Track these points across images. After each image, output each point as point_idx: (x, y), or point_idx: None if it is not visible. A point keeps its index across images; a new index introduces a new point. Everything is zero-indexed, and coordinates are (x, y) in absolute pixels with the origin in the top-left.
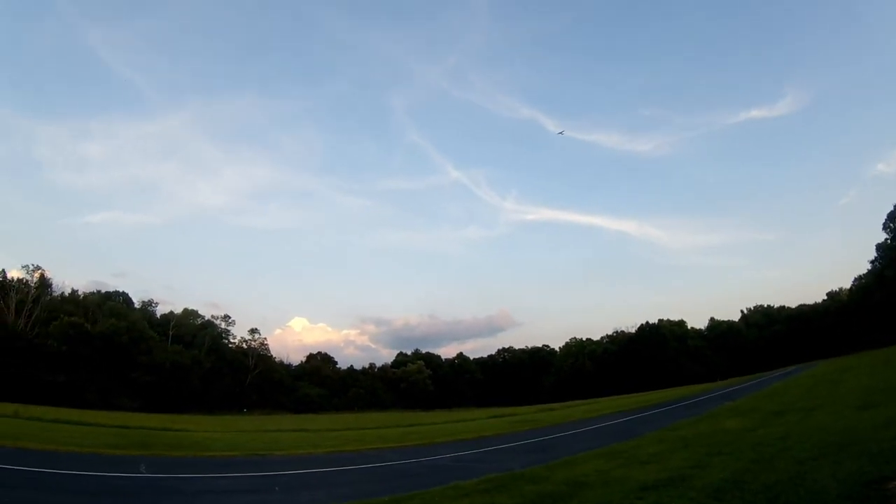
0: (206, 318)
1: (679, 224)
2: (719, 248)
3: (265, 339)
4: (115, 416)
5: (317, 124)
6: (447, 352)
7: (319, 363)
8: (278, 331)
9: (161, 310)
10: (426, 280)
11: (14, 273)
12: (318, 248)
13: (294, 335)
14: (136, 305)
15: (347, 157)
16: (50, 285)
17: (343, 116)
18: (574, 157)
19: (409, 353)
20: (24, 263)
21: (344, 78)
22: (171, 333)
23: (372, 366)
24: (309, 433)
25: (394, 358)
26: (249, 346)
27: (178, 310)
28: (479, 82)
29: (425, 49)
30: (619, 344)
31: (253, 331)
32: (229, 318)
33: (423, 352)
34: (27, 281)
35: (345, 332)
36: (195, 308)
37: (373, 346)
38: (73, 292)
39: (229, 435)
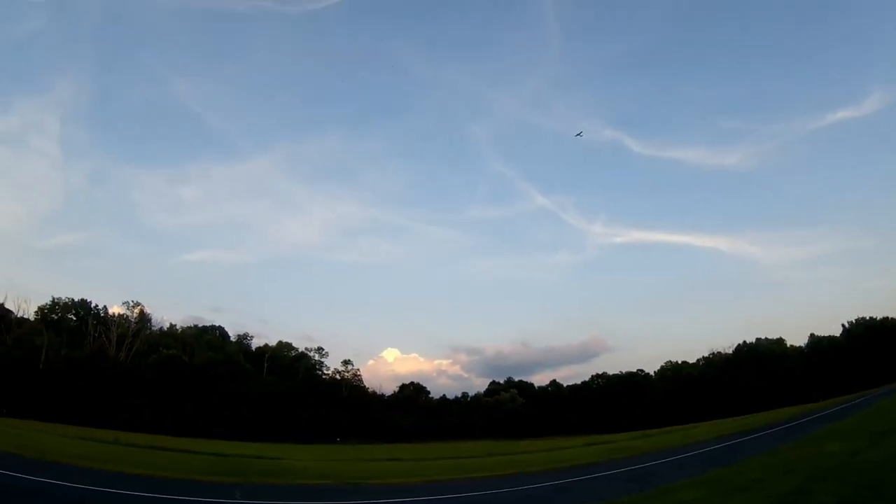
0: (300, 351)
1: (771, 237)
2: (815, 259)
3: (358, 369)
4: (211, 444)
5: (401, 158)
6: (540, 379)
7: (412, 393)
8: (371, 361)
9: (256, 343)
10: (517, 308)
11: (115, 309)
12: (408, 279)
13: (386, 366)
14: (232, 339)
15: (433, 188)
16: (149, 320)
17: (427, 149)
18: (659, 175)
19: (501, 381)
20: (125, 300)
21: (425, 112)
22: (266, 365)
23: (465, 395)
24: (402, 462)
25: (486, 387)
26: (343, 377)
27: (273, 343)
28: (558, 107)
29: (502, 78)
30: (715, 366)
31: (346, 362)
32: (322, 350)
33: (517, 380)
34: (127, 316)
35: (437, 361)
36: (289, 341)
37: (465, 375)
38: (172, 327)
39: (323, 463)
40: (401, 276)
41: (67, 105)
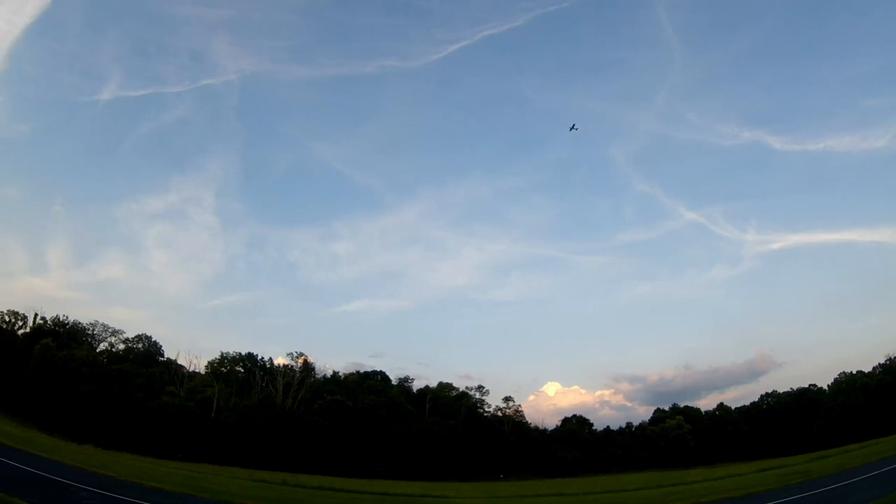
0: (461, 390)
1: None
2: None
3: (519, 405)
4: (376, 484)
5: (545, 191)
6: (706, 403)
7: (574, 426)
8: (532, 396)
9: (417, 385)
10: (677, 330)
11: (280, 360)
12: (563, 310)
13: (548, 400)
14: (394, 382)
15: (579, 217)
16: (313, 369)
17: (568, 179)
18: (807, 170)
19: (666, 408)
20: (289, 351)
21: (561, 142)
22: (428, 406)
23: (629, 425)
24: (568, 497)
25: (651, 415)
26: (504, 414)
27: (434, 384)
28: (692, 116)
29: (631, 95)
30: (893, 372)
31: (507, 398)
32: (483, 388)
33: (682, 405)
34: (292, 366)
35: (598, 392)
36: (450, 381)
37: (628, 404)
38: (335, 374)
39: (487, 501)
40: (556, 308)
41: (220, 179)
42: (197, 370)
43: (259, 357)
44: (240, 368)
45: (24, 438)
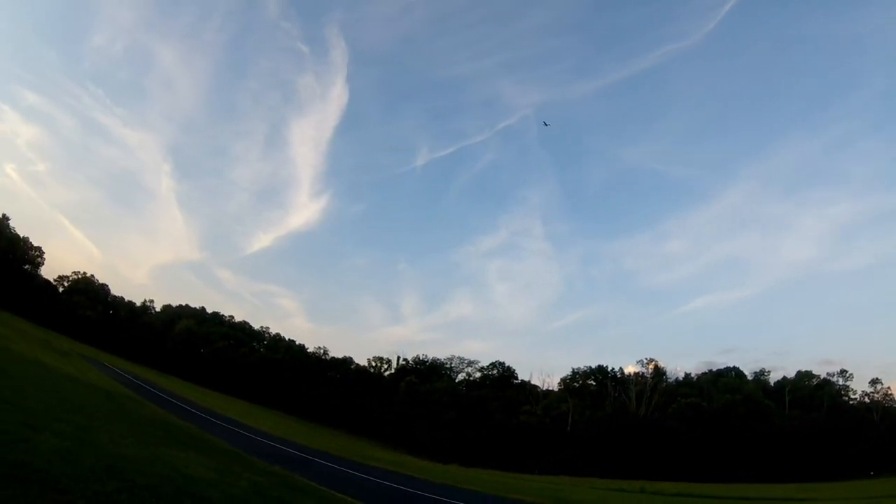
0: (822, 377)
1: None
2: None
3: (888, 388)
4: (735, 489)
5: (876, 132)
6: None
7: None
8: None
9: (774, 377)
10: None
11: (630, 368)
12: None
13: None
14: (749, 377)
15: None
16: (664, 373)
17: None
18: None
19: None
20: (638, 359)
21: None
22: (787, 399)
23: None
24: None
25: None
26: (872, 400)
27: (791, 374)
28: None
29: None
30: None
31: (874, 381)
32: (846, 372)
33: None
34: (643, 373)
35: None
36: (808, 369)
37: None
38: (687, 375)
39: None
40: None
41: (542, 207)
42: (550, 388)
43: (609, 368)
44: (591, 381)
45: (397, 462)
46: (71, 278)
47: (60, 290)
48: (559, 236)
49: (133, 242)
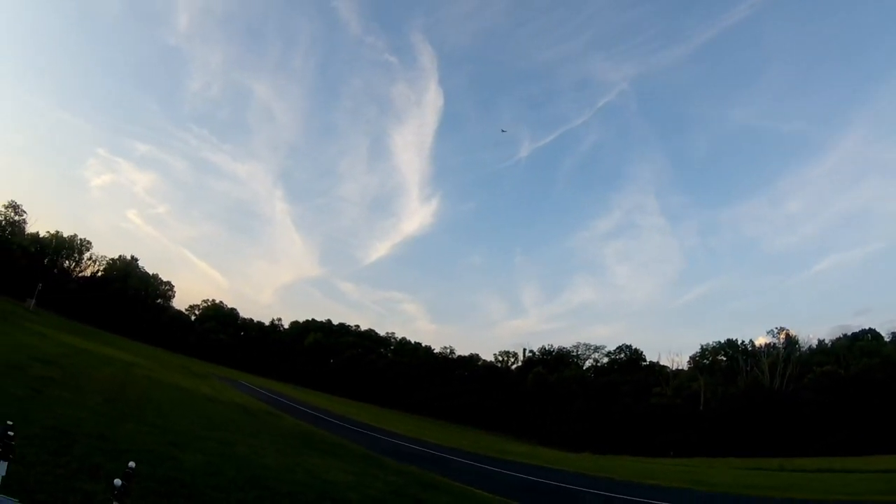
0: None
1: None
2: None
3: None
4: (880, 461)
5: None
6: None
7: None
8: None
9: None
10: None
11: (761, 340)
12: None
13: None
14: (886, 339)
15: None
16: (796, 342)
17: None
18: None
19: None
20: (768, 329)
21: None
22: None
23: None
24: None
25: None
26: None
27: None
28: None
29: None
30: None
31: None
32: None
33: None
34: (774, 344)
35: None
36: None
37: None
38: (821, 342)
39: None
40: None
41: (653, 181)
42: (680, 367)
43: (739, 341)
44: (721, 357)
45: (529, 453)
46: (201, 306)
47: (192, 318)
48: (673, 209)
49: (256, 266)
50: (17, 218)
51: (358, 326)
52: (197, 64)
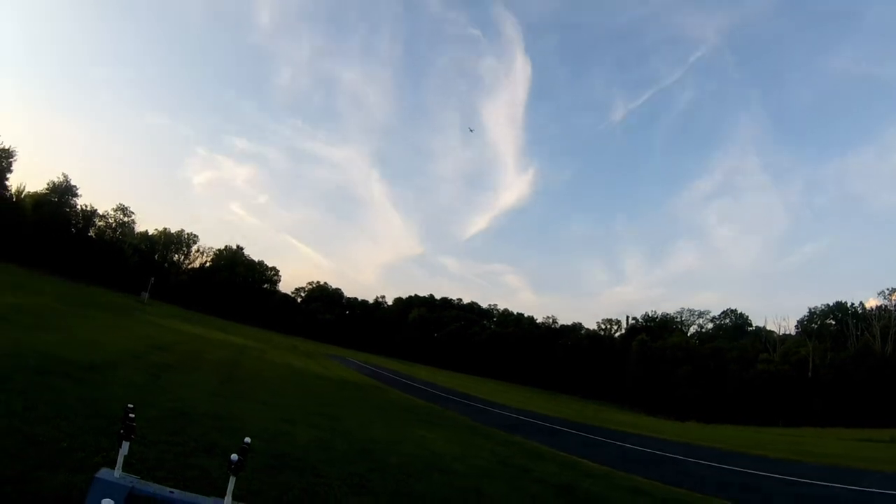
0: None
1: None
2: None
3: None
4: None
5: None
6: None
7: None
8: None
9: None
10: None
11: (872, 302)
12: None
13: None
14: None
15: None
16: None
17: None
18: None
19: None
20: (880, 290)
21: None
22: None
23: None
24: None
25: None
26: None
27: None
28: None
29: None
30: None
31: None
32: None
33: None
34: (886, 306)
35: None
36: None
37: None
38: None
39: None
40: None
41: (754, 138)
42: (787, 332)
43: (849, 304)
44: (830, 321)
45: (633, 423)
46: (307, 289)
47: (299, 300)
48: (776, 166)
49: (357, 247)
50: (126, 219)
51: (461, 300)
52: (283, 58)
